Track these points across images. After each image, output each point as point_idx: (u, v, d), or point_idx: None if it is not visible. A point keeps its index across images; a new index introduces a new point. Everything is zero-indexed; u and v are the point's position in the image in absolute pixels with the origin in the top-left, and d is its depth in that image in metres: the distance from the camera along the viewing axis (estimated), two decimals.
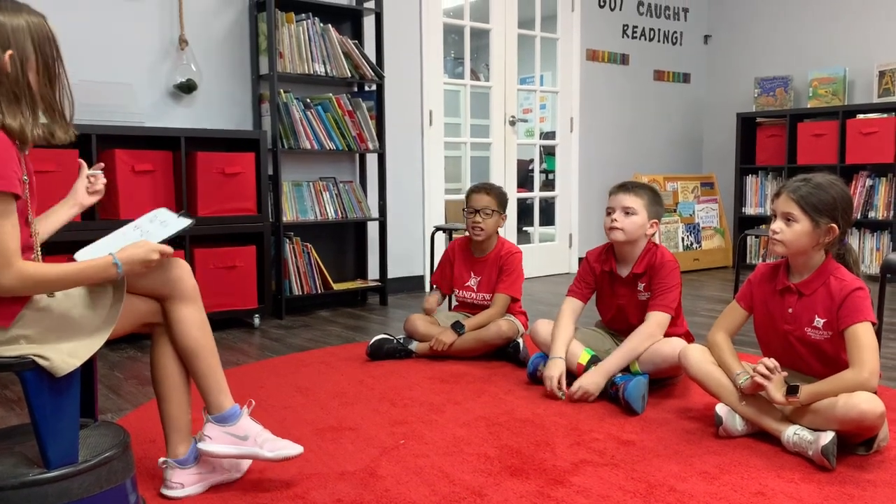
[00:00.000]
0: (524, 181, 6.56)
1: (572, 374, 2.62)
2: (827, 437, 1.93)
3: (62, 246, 2.32)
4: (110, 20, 3.74)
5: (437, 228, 4.02)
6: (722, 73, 6.44)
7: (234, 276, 3.70)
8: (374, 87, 4.42)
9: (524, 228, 6.15)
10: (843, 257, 2.17)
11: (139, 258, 1.62)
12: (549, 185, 6.52)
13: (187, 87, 3.92)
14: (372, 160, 4.57)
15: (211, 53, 4.05)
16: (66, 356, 1.53)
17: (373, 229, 4.58)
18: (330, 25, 4.17)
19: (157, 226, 1.77)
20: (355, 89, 4.51)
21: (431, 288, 3.43)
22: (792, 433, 2.03)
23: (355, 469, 1.97)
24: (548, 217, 6.03)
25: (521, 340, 3.04)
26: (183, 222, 1.77)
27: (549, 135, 6.49)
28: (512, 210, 5.46)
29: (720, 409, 2.18)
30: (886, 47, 5.39)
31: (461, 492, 1.83)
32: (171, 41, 3.92)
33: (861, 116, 5.20)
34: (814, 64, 5.72)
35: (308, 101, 4.16)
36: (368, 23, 4.48)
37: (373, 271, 4.60)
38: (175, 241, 1.76)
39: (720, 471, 1.95)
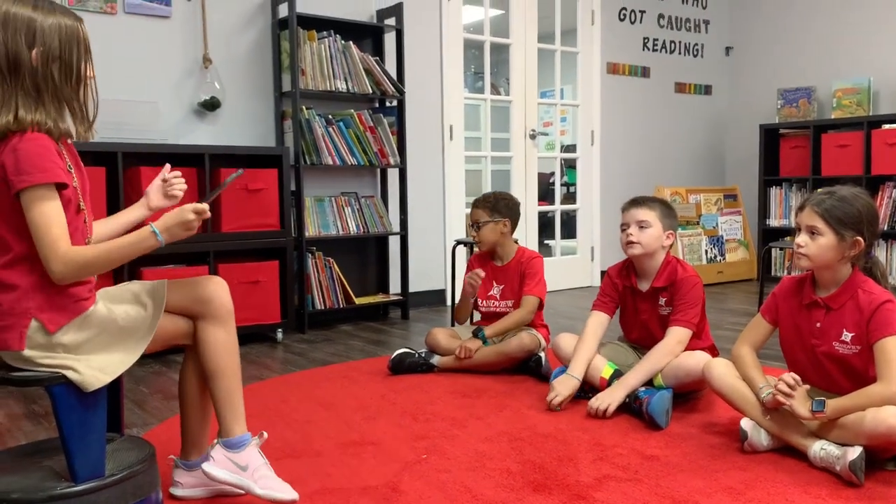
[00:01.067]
0: (545, 194, 6.56)
1: (595, 388, 2.61)
2: (855, 451, 1.90)
3: None
4: (135, 39, 3.81)
5: (458, 242, 4.03)
6: (744, 85, 6.41)
7: (258, 291, 3.74)
8: (395, 103, 4.46)
9: (546, 242, 6.14)
10: (869, 270, 2.14)
11: (175, 222, 1.65)
12: (570, 198, 6.51)
13: (211, 105, 3.98)
14: (393, 175, 4.60)
15: (234, 71, 4.11)
16: (97, 371, 1.56)
17: (394, 244, 4.60)
18: (351, 43, 4.22)
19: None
20: (377, 105, 4.54)
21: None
22: (819, 448, 2.00)
23: (378, 484, 1.98)
24: (569, 230, 6.02)
25: (543, 354, 3.03)
26: (228, 180, 1.88)
27: (570, 148, 6.49)
28: (533, 223, 5.46)
29: (745, 423, 2.16)
30: None
31: None
32: (196, 60, 3.98)
33: (886, 126, 5.13)
34: (837, 74, 5.67)
35: (330, 117, 4.20)
36: (389, 39, 4.53)
37: (394, 285, 4.62)
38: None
39: (746, 486, 1.92)
